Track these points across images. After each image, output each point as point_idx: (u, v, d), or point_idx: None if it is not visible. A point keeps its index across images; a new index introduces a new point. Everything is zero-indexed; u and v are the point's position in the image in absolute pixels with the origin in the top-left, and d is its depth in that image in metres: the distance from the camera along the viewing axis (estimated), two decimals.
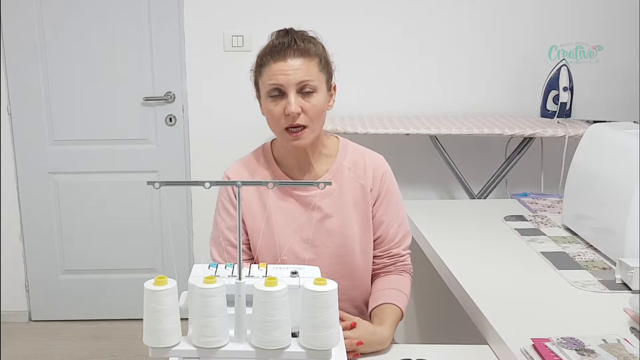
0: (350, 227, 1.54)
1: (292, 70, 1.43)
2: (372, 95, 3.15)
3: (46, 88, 3.12)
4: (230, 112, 3.17)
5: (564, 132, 2.77)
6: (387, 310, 1.49)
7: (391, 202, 1.58)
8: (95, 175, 3.23)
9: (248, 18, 3.09)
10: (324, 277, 1.05)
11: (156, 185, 1.04)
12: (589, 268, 1.68)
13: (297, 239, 1.52)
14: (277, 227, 1.52)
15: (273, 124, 1.49)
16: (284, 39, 1.46)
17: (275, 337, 1.02)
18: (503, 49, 3.15)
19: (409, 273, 1.62)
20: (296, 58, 1.44)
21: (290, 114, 1.43)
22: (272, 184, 1.07)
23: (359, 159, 1.58)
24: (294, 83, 1.43)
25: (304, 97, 1.44)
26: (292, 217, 1.53)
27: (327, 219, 1.53)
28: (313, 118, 1.45)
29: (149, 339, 1.03)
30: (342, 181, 1.55)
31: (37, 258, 3.30)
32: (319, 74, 1.47)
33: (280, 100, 1.45)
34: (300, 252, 1.51)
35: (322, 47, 1.51)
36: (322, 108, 1.47)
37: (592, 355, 1.20)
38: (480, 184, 3.11)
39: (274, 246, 1.50)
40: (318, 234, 1.53)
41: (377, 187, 1.57)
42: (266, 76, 1.46)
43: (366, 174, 1.56)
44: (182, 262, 3.27)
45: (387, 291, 1.53)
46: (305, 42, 1.46)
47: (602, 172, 1.79)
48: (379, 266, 1.60)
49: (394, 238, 1.59)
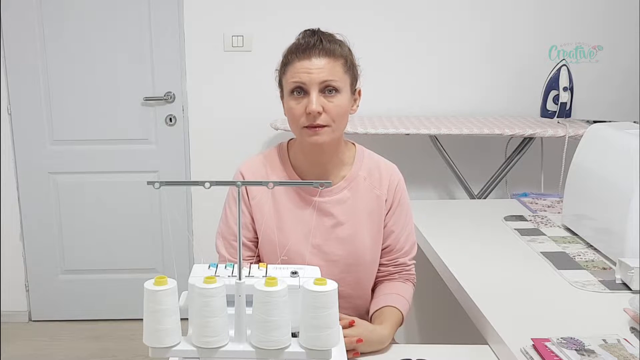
0: (362, 236, 1.53)
1: (316, 69, 1.41)
2: (372, 95, 3.13)
3: (46, 88, 3.12)
4: (230, 112, 3.17)
5: (564, 132, 2.77)
6: (387, 312, 1.49)
7: (402, 213, 1.58)
8: (95, 175, 3.23)
9: (248, 18, 3.09)
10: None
11: (156, 185, 1.04)
12: (589, 268, 1.68)
13: (307, 243, 1.50)
14: (286, 229, 1.51)
15: (293, 123, 1.47)
16: (311, 38, 1.44)
17: (275, 337, 1.02)
18: (503, 49, 3.15)
19: (413, 283, 1.62)
20: (321, 57, 1.42)
21: (312, 113, 1.41)
22: (272, 184, 1.07)
23: (374, 168, 1.56)
24: (317, 82, 1.41)
25: (327, 97, 1.43)
26: (303, 221, 1.51)
27: (339, 227, 1.52)
28: (335, 118, 1.44)
29: (149, 339, 1.03)
30: (358, 190, 1.53)
31: (37, 258, 3.30)
32: (344, 75, 1.45)
33: (302, 99, 1.43)
34: (309, 257, 1.49)
35: (349, 50, 1.49)
36: (344, 110, 1.46)
37: (592, 356, 1.20)
38: (480, 184, 3.11)
39: (281, 248, 1.49)
40: (328, 240, 1.52)
41: (391, 197, 1.56)
42: (289, 74, 1.44)
43: (382, 184, 1.55)
44: (182, 262, 3.27)
45: (389, 295, 1.53)
46: (331, 43, 1.44)
47: (602, 172, 1.78)
48: (384, 274, 1.60)
49: (402, 248, 1.58)
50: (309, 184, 1.16)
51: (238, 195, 1.05)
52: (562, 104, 2.98)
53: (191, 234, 3.30)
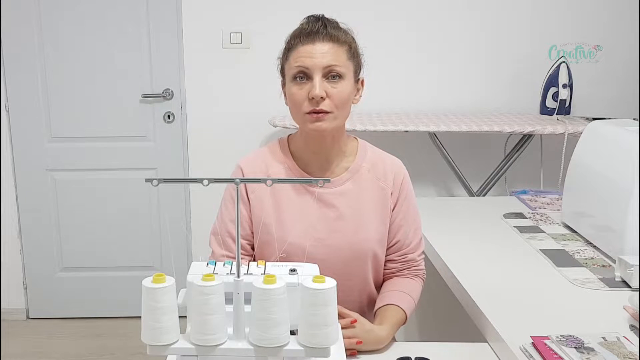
0: (366, 229, 1.50)
1: (320, 54, 1.39)
2: (371, 92, 3.10)
3: (44, 85, 3.11)
4: (228, 109, 3.17)
5: (564, 129, 2.77)
6: (389, 311, 1.46)
7: (410, 207, 1.55)
8: (93, 173, 3.22)
9: (247, 15, 3.08)
10: (331, 277, 1.04)
11: (154, 183, 1.03)
12: (588, 265, 1.68)
13: (310, 237, 1.47)
14: (287, 222, 1.48)
15: (295, 109, 1.44)
16: (315, 23, 1.43)
17: (273, 335, 1.01)
18: (503, 47, 3.15)
19: (422, 278, 1.59)
20: (325, 42, 1.41)
21: (314, 97, 1.39)
22: (270, 182, 1.06)
23: (378, 161, 1.54)
24: (320, 67, 1.39)
25: (330, 82, 1.41)
26: (305, 213, 1.48)
27: (342, 219, 1.49)
28: (338, 105, 1.42)
29: (147, 336, 1.03)
30: (361, 182, 1.51)
31: (35, 255, 3.30)
32: (347, 62, 1.43)
33: (305, 84, 1.41)
34: (311, 250, 1.45)
35: (353, 38, 1.48)
36: (347, 97, 1.44)
37: (591, 353, 1.20)
38: (479, 181, 3.11)
39: (281, 241, 1.46)
40: (331, 233, 1.48)
41: (397, 191, 1.53)
42: (292, 59, 1.42)
43: (386, 177, 1.53)
44: (180, 260, 3.26)
45: (394, 293, 1.51)
46: (335, 29, 1.43)
47: (601, 169, 1.78)
48: (393, 270, 1.57)
49: (411, 243, 1.56)
50: (307, 181, 1.15)
51: (237, 194, 1.05)
52: (561, 101, 2.97)
53: (189, 232, 3.30)
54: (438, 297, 2.09)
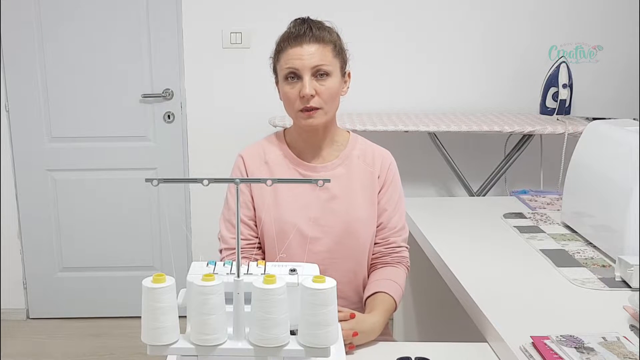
0: (356, 208, 1.60)
1: (308, 55, 1.51)
2: (371, 92, 3.15)
3: (44, 85, 3.11)
4: (228, 109, 3.17)
5: (564, 129, 2.77)
6: (378, 298, 1.53)
7: (395, 193, 1.65)
8: (93, 173, 3.22)
9: (247, 15, 3.08)
10: (328, 256, 1.05)
11: (154, 183, 1.04)
12: (588, 265, 1.68)
13: (303, 216, 1.57)
14: (284, 204, 1.58)
15: (289, 106, 1.57)
16: (301, 26, 1.54)
17: (273, 335, 1.01)
18: (503, 47, 3.15)
19: (406, 266, 1.66)
20: (311, 44, 1.52)
21: (305, 96, 1.50)
22: (270, 182, 1.07)
23: (368, 150, 1.66)
24: (308, 67, 1.51)
25: (319, 80, 1.52)
26: (300, 194, 1.58)
27: (334, 200, 1.59)
28: (327, 100, 1.53)
29: (147, 336, 1.03)
30: (351, 166, 1.62)
31: (35, 255, 3.30)
32: (334, 59, 1.54)
33: (296, 84, 1.53)
34: (305, 229, 1.56)
35: (337, 35, 1.59)
36: (335, 91, 1.55)
37: (591, 353, 1.20)
38: (479, 181, 3.10)
39: (279, 221, 1.56)
40: (324, 213, 1.58)
41: (384, 175, 1.63)
42: (283, 61, 1.54)
43: (374, 162, 1.64)
44: (180, 260, 3.26)
45: (380, 281, 1.58)
46: (320, 30, 1.54)
47: (601, 169, 1.78)
48: (376, 255, 1.65)
49: (395, 227, 1.64)
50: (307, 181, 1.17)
51: (237, 193, 1.05)
52: (561, 101, 2.97)
53: (189, 232, 3.30)
54: (438, 297, 2.09)
